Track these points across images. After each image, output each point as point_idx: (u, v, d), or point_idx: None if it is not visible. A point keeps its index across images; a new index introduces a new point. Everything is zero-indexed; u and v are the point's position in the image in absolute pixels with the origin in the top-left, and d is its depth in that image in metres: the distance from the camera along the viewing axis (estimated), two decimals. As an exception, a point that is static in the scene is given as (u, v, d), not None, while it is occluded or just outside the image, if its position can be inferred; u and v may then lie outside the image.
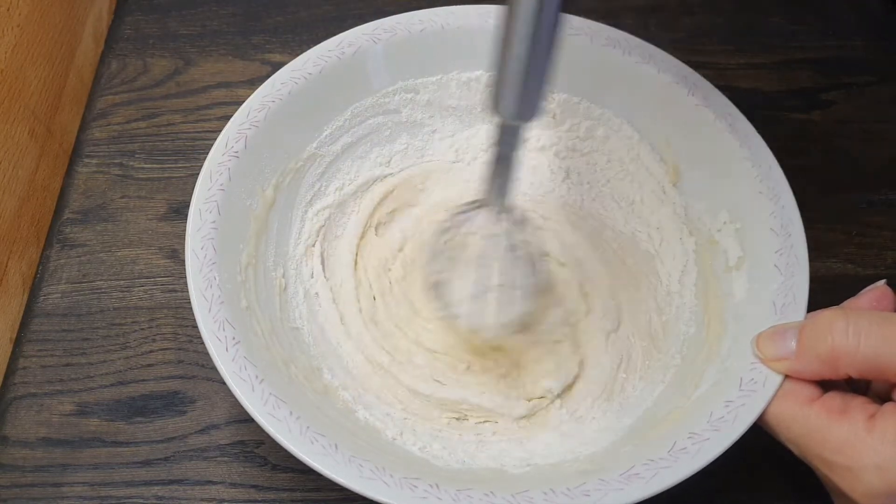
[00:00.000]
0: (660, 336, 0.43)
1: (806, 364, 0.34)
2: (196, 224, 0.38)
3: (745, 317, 0.38)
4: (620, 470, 0.33)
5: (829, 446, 0.32)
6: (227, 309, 0.36)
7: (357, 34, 0.44)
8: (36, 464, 0.42)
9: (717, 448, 0.34)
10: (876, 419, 0.32)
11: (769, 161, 0.41)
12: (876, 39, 0.59)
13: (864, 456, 0.31)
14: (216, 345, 0.35)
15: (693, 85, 0.44)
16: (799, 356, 0.34)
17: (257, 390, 0.34)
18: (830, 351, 0.33)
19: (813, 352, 0.33)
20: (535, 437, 0.40)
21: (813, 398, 0.34)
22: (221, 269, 0.37)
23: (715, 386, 0.37)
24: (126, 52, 0.59)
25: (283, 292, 0.42)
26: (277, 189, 0.43)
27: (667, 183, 0.46)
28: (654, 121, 0.45)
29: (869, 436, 0.31)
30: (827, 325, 0.33)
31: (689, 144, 0.44)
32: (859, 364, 0.32)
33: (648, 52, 0.45)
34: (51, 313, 0.47)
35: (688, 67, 0.44)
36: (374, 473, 0.32)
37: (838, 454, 0.32)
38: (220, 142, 0.41)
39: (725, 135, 0.42)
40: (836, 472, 0.32)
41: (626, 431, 0.39)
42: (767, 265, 0.38)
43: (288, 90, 0.42)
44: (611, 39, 0.45)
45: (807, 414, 0.33)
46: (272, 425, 0.33)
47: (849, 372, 0.33)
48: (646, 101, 0.45)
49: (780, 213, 0.39)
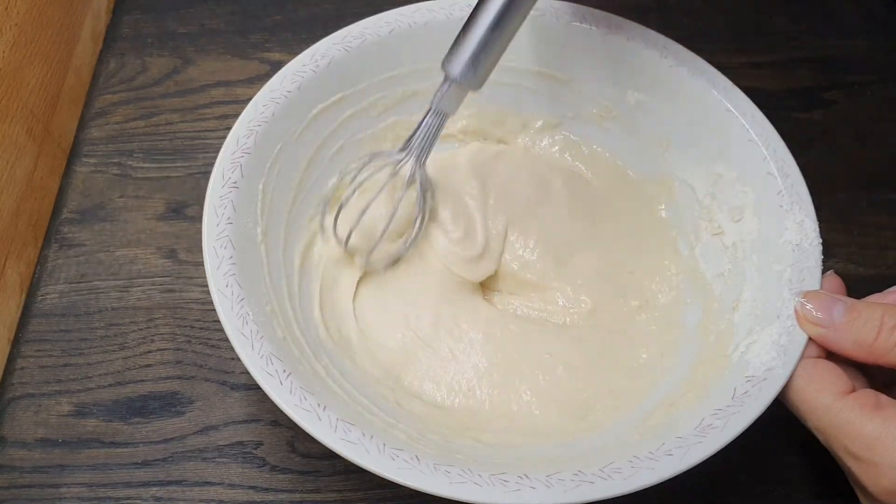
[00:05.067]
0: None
1: (841, 341, 0.35)
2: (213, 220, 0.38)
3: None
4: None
5: (857, 440, 0.33)
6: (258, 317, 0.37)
7: (328, 45, 0.44)
8: (34, 464, 0.42)
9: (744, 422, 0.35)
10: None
11: (752, 111, 0.43)
12: (877, 39, 0.59)
13: (890, 454, 0.32)
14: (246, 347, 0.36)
15: (664, 48, 0.45)
16: (839, 331, 0.35)
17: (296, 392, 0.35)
18: (871, 342, 0.34)
19: (854, 335, 0.35)
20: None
21: (846, 391, 0.34)
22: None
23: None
24: (124, 51, 0.59)
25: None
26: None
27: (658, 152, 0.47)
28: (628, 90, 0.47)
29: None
30: (879, 320, 0.34)
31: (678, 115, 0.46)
32: (892, 360, 0.34)
33: (616, 22, 0.46)
34: (49, 313, 0.47)
35: (661, 35, 0.46)
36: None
37: (866, 449, 0.33)
38: (216, 173, 0.40)
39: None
40: (860, 466, 0.33)
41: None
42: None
43: (271, 112, 0.42)
44: (577, 15, 0.46)
45: (841, 406, 0.34)
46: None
47: (875, 363, 0.34)
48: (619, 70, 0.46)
49: (773, 157, 0.41)
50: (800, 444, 0.42)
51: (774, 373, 0.35)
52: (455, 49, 0.39)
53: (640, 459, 0.34)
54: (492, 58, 0.39)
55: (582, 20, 0.46)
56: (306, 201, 0.45)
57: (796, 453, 0.43)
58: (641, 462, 0.33)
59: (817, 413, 0.35)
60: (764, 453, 0.43)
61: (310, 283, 0.43)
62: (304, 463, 0.43)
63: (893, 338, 0.34)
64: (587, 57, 0.47)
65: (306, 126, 0.44)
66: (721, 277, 0.43)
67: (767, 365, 0.36)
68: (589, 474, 0.33)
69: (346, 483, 0.42)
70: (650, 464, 0.33)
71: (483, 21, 0.38)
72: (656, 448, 0.34)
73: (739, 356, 0.38)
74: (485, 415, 0.41)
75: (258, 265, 0.39)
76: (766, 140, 0.42)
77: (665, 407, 0.39)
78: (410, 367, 0.42)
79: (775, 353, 0.36)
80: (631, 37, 0.45)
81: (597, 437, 0.39)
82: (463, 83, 0.39)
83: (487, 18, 0.37)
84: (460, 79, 0.39)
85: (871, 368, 0.36)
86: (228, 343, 0.35)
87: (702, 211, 0.45)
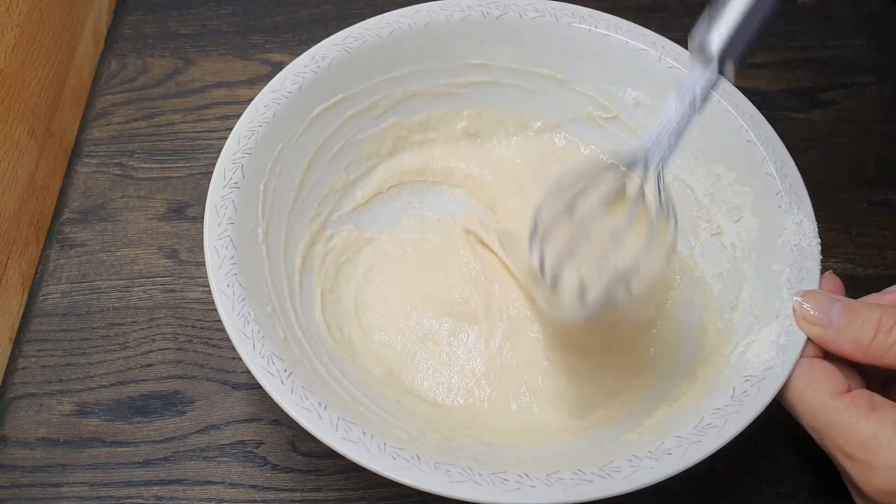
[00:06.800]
0: None
1: (838, 341, 0.35)
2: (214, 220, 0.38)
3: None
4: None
5: (852, 440, 0.33)
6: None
7: (329, 45, 0.45)
8: (35, 464, 0.42)
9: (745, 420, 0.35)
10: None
11: (751, 111, 0.43)
12: (876, 39, 0.59)
13: (885, 455, 0.32)
14: (243, 343, 0.36)
15: (662, 48, 0.45)
16: (837, 331, 0.35)
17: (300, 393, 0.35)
18: (868, 343, 0.34)
19: (852, 336, 0.35)
20: None
21: (842, 391, 0.34)
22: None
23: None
24: (126, 51, 0.59)
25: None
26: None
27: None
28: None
29: (895, 437, 0.32)
30: (876, 321, 0.34)
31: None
32: (889, 361, 0.34)
33: (615, 22, 0.46)
34: (50, 313, 0.47)
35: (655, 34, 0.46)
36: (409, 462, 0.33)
37: (860, 449, 0.33)
38: (217, 173, 0.40)
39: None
40: (854, 466, 0.33)
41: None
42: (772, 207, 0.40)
43: (272, 112, 0.42)
44: (576, 16, 0.46)
45: (836, 406, 0.34)
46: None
47: (872, 364, 0.34)
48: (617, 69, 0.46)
49: (772, 158, 0.41)
50: (799, 444, 0.42)
51: (773, 372, 0.36)
52: (714, 22, 0.32)
53: (640, 459, 0.34)
54: (755, 33, 0.32)
55: (582, 20, 0.46)
56: (307, 201, 0.45)
57: (796, 453, 0.43)
58: (641, 461, 0.34)
59: (812, 412, 0.35)
60: (763, 453, 0.43)
61: (311, 282, 0.44)
62: (305, 462, 0.43)
63: (891, 339, 0.34)
64: (587, 57, 0.47)
65: (307, 126, 0.44)
66: (720, 277, 0.43)
67: (766, 364, 0.36)
68: (588, 473, 0.33)
69: (346, 482, 0.42)
70: (650, 463, 0.34)
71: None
72: (656, 447, 0.34)
73: (738, 356, 0.38)
74: (485, 414, 0.41)
75: (259, 265, 0.39)
76: (765, 140, 0.42)
77: (664, 406, 0.39)
78: (411, 367, 0.43)
79: (774, 353, 0.36)
80: (630, 37, 0.45)
81: (596, 437, 0.40)
82: (727, 61, 0.33)
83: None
84: (724, 53, 0.32)
85: (868, 369, 0.36)
86: (229, 342, 0.35)
87: (701, 211, 0.45)
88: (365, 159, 0.48)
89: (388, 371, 0.42)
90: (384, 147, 0.48)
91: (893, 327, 0.34)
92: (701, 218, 0.45)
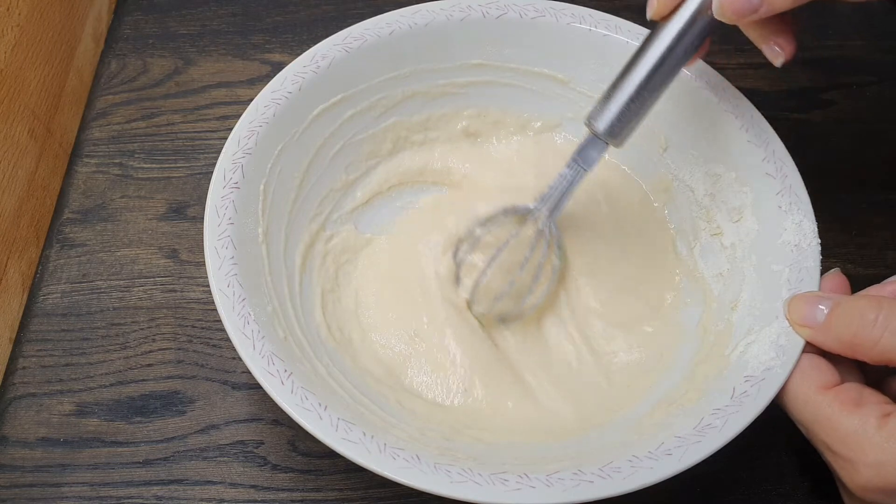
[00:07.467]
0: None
1: (826, 340, 0.35)
2: (214, 220, 0.38)
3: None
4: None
5: (835, 435, 0.33)
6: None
7: (329, 46, 0.45)
8: (35, 464, 0.42)
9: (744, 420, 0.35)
10: (890, 418, 0.32)
11: (751, 112, 0.43)
12: (876, 39, 0.59)
13: (866, 451, 0.32)
14: (243, 342, 0.36)
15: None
16: (823, 331, 0.35)
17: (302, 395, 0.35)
18: (852, 338, 0.34)
19: (835, 332, 0.35)
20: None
21: (829, 385, 0.34)
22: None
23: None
24: (126, 51, 0.59)
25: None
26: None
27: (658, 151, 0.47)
28: None
29: (877, 433, 0.32)
30: (857, 314, 0.34)
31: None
32: (875, 355, 0.33)
33: (615, 22, 0.46)
34: (50, 313, 0.47)
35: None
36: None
37: (843, 445, 0.33)
38: (217, 173, 0.40)
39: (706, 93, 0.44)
40: (837, 462, 0.33)
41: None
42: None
43: (272, 112, 0.42)
44: (576, 16, 0.46)
45: (820, 400, 0.34)
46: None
47: (864, 359, 0.34)
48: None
49: (772, 158, 0.42)
50: (799, 444, 0.42)
51: (773, 373, 0.36)
52: (603, 105, 0.39)
53: (640, 459, 0.34)
54: (639, 116, 0.39)
55: (582, 20, 0.46)
56: (307, 202, 0.45)
57: (795, 453, 0.43)
58: (641, 461, 0.34)
59: (798, 405, 0.35)
60: (763, 453, 0.43)
61: (311, 282, 0.44)
62: (305, 462, 0.43)
63: (875, 333, 0.33)
64: (587, 57, 0.47)
65: (307, 127, 0.44)
66: (720, 277, 0.43)
67: (766, 365, 0.36)
68: (588, 473, 0.33)
69: (346, 482, 0.42)
70: (649, 463, 0.34)
71: (634, 79, 0.38)
72: (655, 447, 0.34)
73: (738, 356, 0.38)
74: (485, 414, 0.41)
75: (259, 265, 0.39)
76: (765, 141, 0.42)
77: (664, 406, 0.39)
78: (411, 367, 0.43)
79: (774, 353, 0.36)
80: (630, 37, 0.45)
81: (596, 437, 0.40)
82: (608, 140, 0.39)
83: (639, 76, 0.37)
84: (606, 135, 0.39)
85: (866, 363, 0.36)
86: (230, 343, 0.35)
87: (700, 211, 0.45)
88: (365, 159, 0.48)
89: (388, 371, 0.42)
90: (384, 147, 0.48)
91: (877, 319, 0.33)
92: (701, 218, 0.45)
